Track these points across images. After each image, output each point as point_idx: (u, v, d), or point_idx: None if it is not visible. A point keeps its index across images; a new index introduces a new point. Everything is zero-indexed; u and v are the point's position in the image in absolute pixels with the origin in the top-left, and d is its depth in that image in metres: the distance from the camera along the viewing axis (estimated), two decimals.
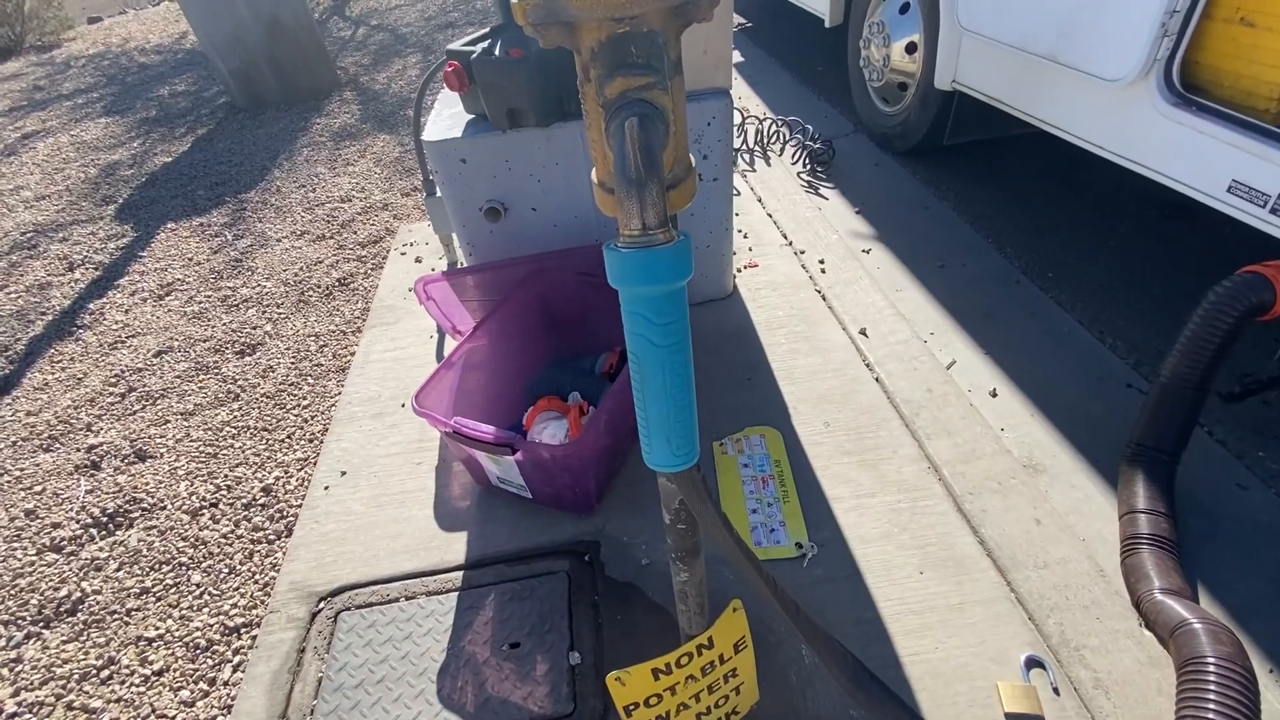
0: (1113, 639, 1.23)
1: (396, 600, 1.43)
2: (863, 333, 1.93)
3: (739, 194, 2.70)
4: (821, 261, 2.24)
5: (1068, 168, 2.78)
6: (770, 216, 2.54)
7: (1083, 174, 2.73)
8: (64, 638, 1.49)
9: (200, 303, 2.65)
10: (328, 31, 6.29)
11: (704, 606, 0.87)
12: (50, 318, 2.69)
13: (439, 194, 1.95)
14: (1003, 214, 2.54)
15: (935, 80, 2.45)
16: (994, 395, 1.79)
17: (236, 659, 1.41)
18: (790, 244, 2.37)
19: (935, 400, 1.70)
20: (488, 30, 1.74)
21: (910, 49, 2.67)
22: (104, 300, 2.75)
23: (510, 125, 1.66)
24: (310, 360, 2.27)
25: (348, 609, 1.43)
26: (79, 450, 2.01)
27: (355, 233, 3.00)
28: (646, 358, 0.61)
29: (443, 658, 1.32)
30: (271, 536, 1.66)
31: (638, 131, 0.54)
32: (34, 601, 1.56)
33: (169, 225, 3.27)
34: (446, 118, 1.82)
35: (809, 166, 2.88)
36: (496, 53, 1.57)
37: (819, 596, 1.32)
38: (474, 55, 1.58)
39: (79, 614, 1.54)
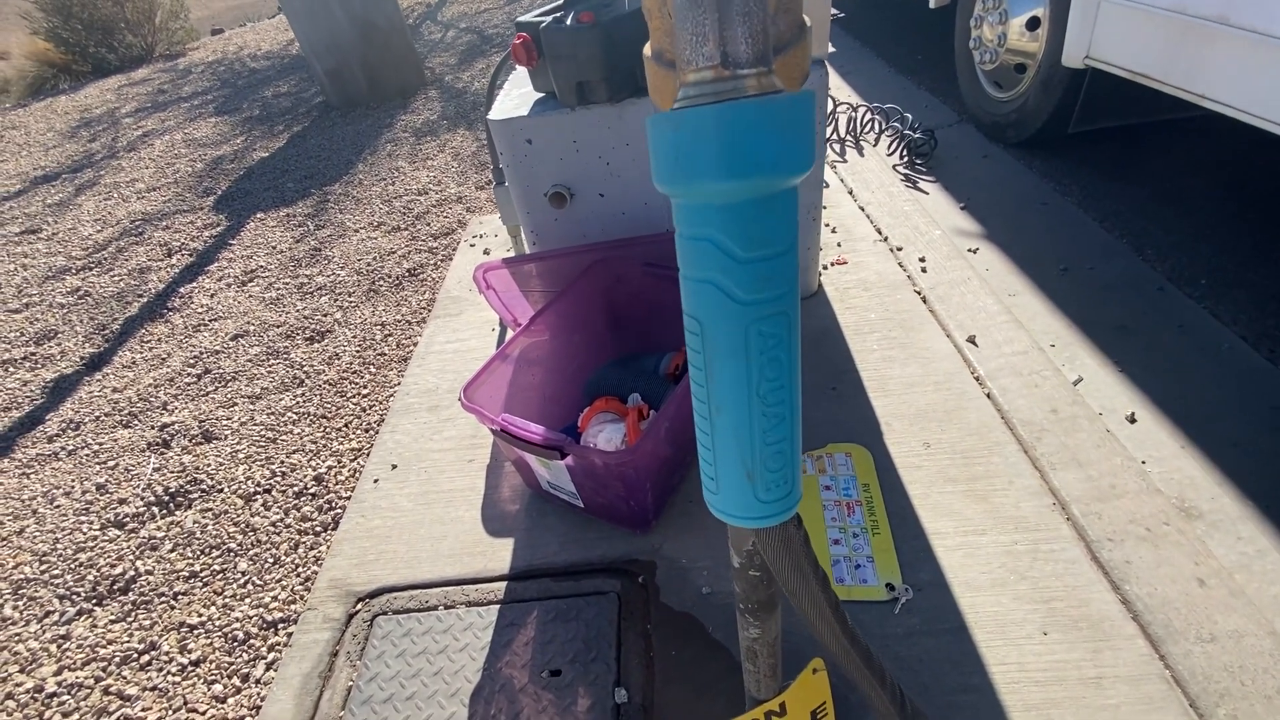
0: None
1: (435, 608, 1.33)
2: (971, 341, 1.67)
3: (827, 186, 2.47)
4: (922, 260, 1.99)
5: (1221, 159, 2.38)
6: (862, 210, 2.30)
7: (1241, 166, 2.32)
8: (112, 617, 1.47)
9: (278, 289, 2.69)
10: (420, 35, 6.48)
11: (776, 669, 0.69)
12: (145, 300, 2.81)
13: (507, 183, 1.86)
14: (1141, 212, 2.19)
15: (1063, 58, 2.14)
16: (1132, 420, 1.50)
17: (270, 656, 1.35)
18: (885, 239, 2.12)
19: (1061, 423, 1.43)
20: (561, 1, 1.62)
21: (1032, 24, 2.36)
22: (193, 285, 2.86)
23: (579, 101, 1.54)
24: (374, 349, 2.23)
25: (384, 613, 1.33)
26: (153, 428, 2.04)
27: (429, 225, 2.98)
28: (721, 327, 0.37)
29: (477, 679, 1.19)
30: (318, 528, 1.60)
31: None
32: (90, 577, 1.56)
33: (258, 215, 3.38)
34: (515, 97, 1.72)
35: (906, 158, 2.61)
36: (568, 22, 1.45)
37: (913, 652, 1.10)
38: (543, 25, 1.47)
39: (130, 593, 1.52)
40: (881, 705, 0.56)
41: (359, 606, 1.36)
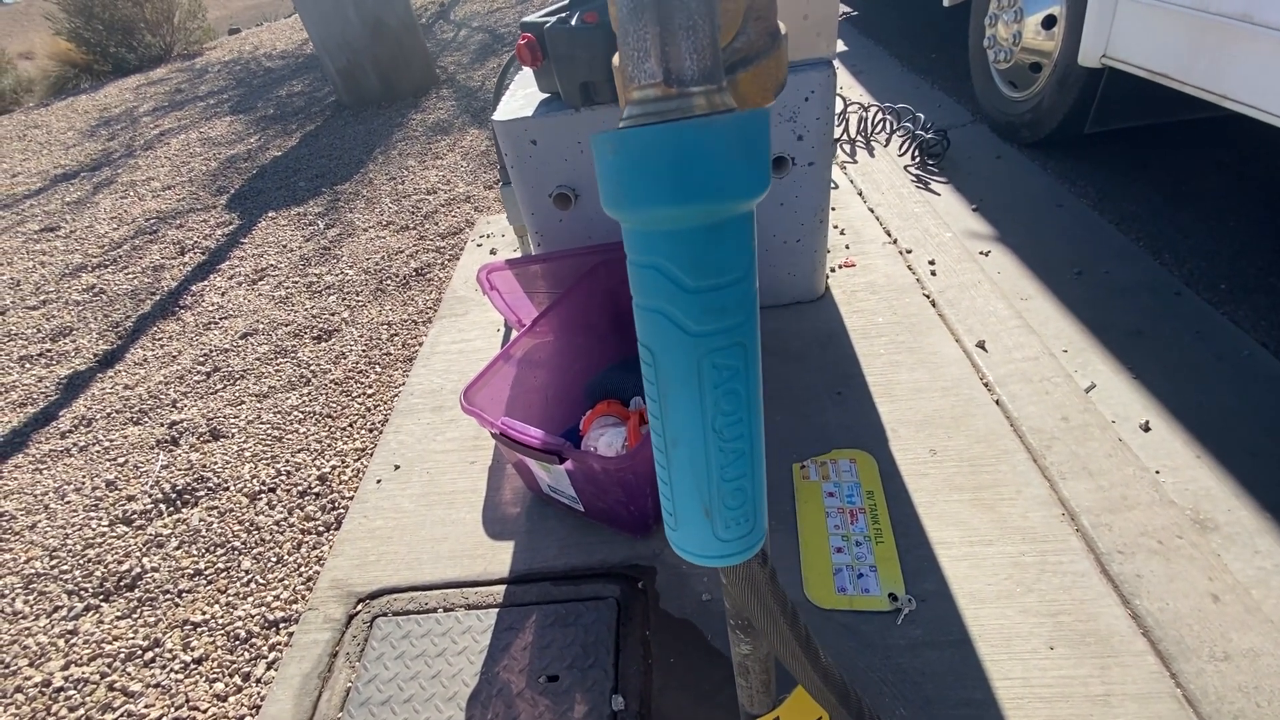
0: None
1: (434, 611, 1.32)
2: (980, 346, 1.64)
3: (836, 187, 2.44)
4: (931, 263, 1.96)
5: (1241, 160, 2.32)
6: (872, 211, 2.27)
7: (1262, 167, 2.26)
8: (119, 613, 1.48)
9: (288, 288, 2.71)
10: (432, 34, 6.50)
11: (770, 684, 0.67)
12: (158, 297, 2.84)
13: (512, 184, 1.85)
14: (1158, 215, 2.14)
15: (1080, 57, 2.10)
16: (1146, 429, 1.47)
17: (271, 655, 1.35)
18: (894, 242, 2.09)
19: (1072, 431, 1.40)
20: (567, 1, 1.61)
21: (1048, 23, 2.31)
22: (205, 283, 2.88)
23: (584, 102, 1.52)
24: (380, 349, 2.24)
25: (384, 614, 1.33)
26: (162, 425, 2.06)
27: (437, 224, 2.99)
28: (671, 358, 0.35)
29: (474, 683, 1.19)
30: (321, 528, 1.61)
31: None
32: (98, 573, 1.58)
33: (270, 214, 3.41)
34: (520, 98, 1.71)
35: (918, 158, 2.58)
36: (572, 23, 1.44)
37: (916, 664, 1.08)
38: (547, 25, 1.46)
39: (136, 590, 1.54)
40: None
41: (359, 607, 1.36)
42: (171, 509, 1.75)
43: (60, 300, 2.96)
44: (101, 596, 1.53)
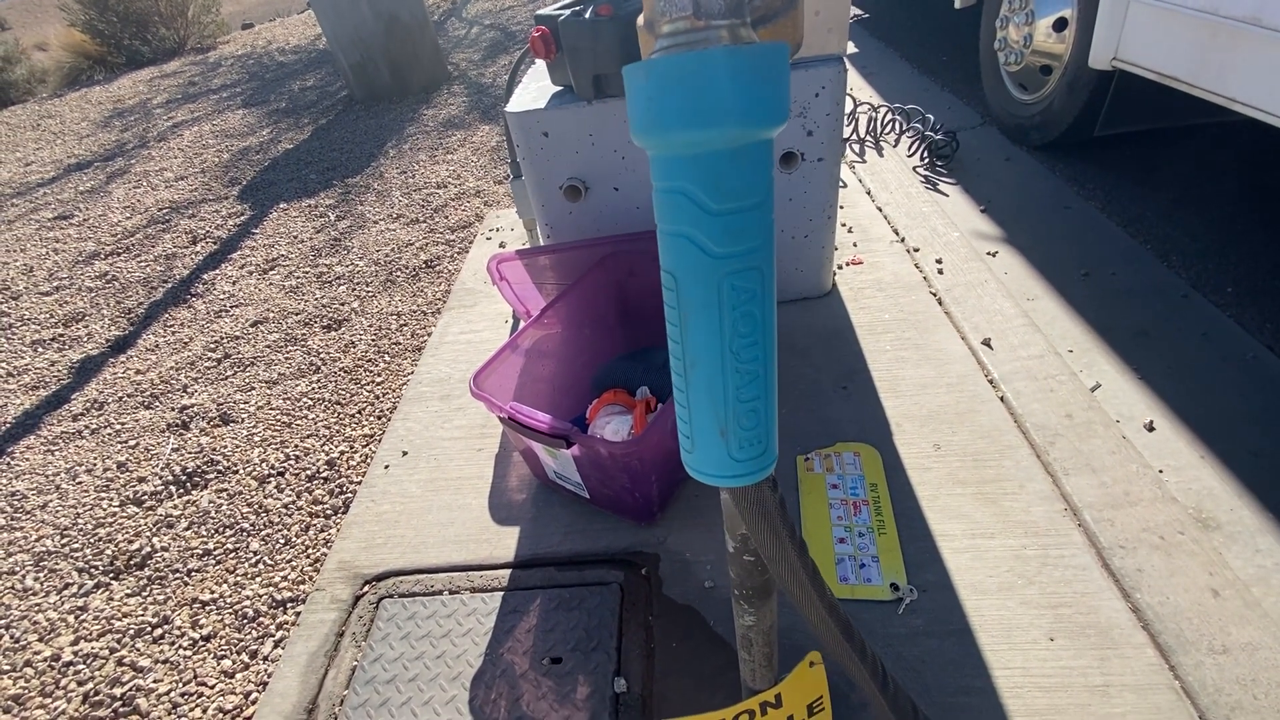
0: None
1: (439, 593, 1.34)
2: (986, 344, 1.65)
3: (845, 185, 2.45)
4: (939, 261, 1.97)
5: (1252, 163, 2.32)
6: (880, 210, 2.28)
7: (1270, 171, 2.27)
8: (128, 591, 1.51)
9: (298, 278, 2.74)
10: (444, 31, 6.54)
11: (772, 658, 0.69)
12: (170, 285, 2.87)
13: (524, 177, 1.87)
14: (1167, 218, 2.15)
15: (1090, 59, 2.10)
16: (1150, 429, 1.47)
17: (279, 634, 1.37)
18: (902, 240, 2.10)
19: (1076, 429, 1.41)
20: None
21: (1059, 25, 2.32)
22: (216, 272, 2.91)
23: (596, 95, 1.54)
24: (389, 338, 2.26)
25: (390, 596, 1.35)
26: (173, 410, 2.09)
27: (447, 217, 3.01)
28: (693, 280, 0.37)
29: (479, 664, 1.20)
30: (329, 511, 1.63)
31: None
32: (109, 552, 1.60)
33: (281, 205, 3.44)
34: (533, 90, 1.73)
35: (927, 159, 2.59)
36: (586, 16, 1.46)
37: (916, 653, 1.09)
38: (561, 18, 1.47)
39: (146, 569, 1.56)
40: (861, 680, 0.56)
41: (366, 589, 1.38)
42: (182, 491, 1.77)
43: (73, 286, 2.99)
44: (112, 574, 1.55)
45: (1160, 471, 1.36)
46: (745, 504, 0.45)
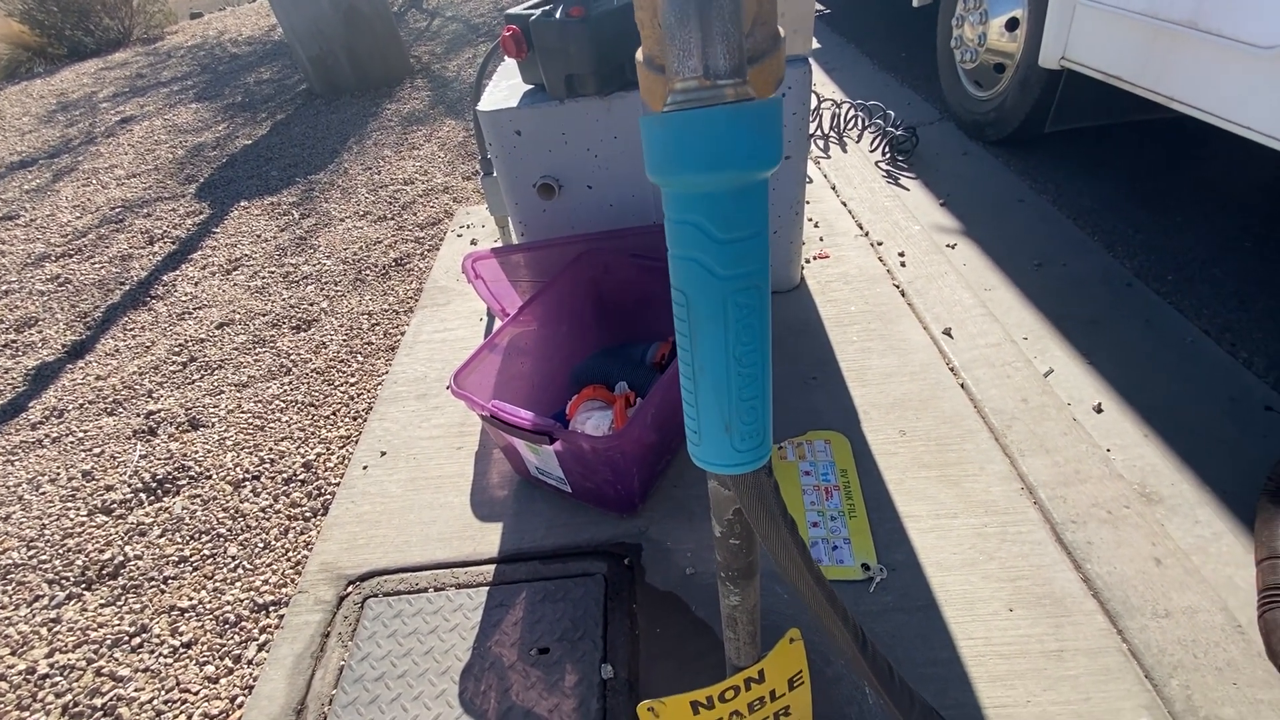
0: (1254, 711, 1.01)
1: (425, 590, 1.36)
2: (947, 333, 1.72)
3: (810, 181, 2.52)
4: (901, 254, 2.04)
5: (1191, 158, 2.46)
6: (845, 205, 2.35)
7: (1210, 165, 2.40)
8: (102, 601, 1.48)
9: (264, 278, 2.69)
10: (405, 23, 6.42)
11: (756, 635, 0.73)
12: (128, 287, 2.79)
13: (495, 174, 1.88)
14: (1113, 209, 2.26)
15: (1040, 59, 2.20)
16: (1099, 411, 1.57)
17: (262, 638, 1.37)
18: (866, 234, 2.17)
19: (1031, 412, 1.49)
20: None
21: (1011, 25, 2.42)
22: (177, 273, 2.84)
23: (568, 94, 1.56)
24: (361, 338, 2.24)
25: (375, 595, 1.36)
26: (139, 416, 2.04)
27: (415, 214, 2.99)
28: (702, 297, 0.43)
29: (467, 657, 1.23)
30: (308, 514, 1.62)
31: None
32: (79, 562, 1.57)
33: (242, 203, 3.36)
34: (504, 88, 1.73)
35: (889, 155, 2.67)
36: (557, 16, 1.47)
37: (887, 628, 1.15)
38: (533, 18, 1.49)
39: (120, 578, 1.53)
40: (844, 644, 0.61)
41: (350, 589, 1.39)
42: (153, 498, 1.74)
43: (23, 290, 2.88)
44: (84, 585, 1.53)
45: (1108, 450, 1.45)
46: (745, 489, 0.49)
